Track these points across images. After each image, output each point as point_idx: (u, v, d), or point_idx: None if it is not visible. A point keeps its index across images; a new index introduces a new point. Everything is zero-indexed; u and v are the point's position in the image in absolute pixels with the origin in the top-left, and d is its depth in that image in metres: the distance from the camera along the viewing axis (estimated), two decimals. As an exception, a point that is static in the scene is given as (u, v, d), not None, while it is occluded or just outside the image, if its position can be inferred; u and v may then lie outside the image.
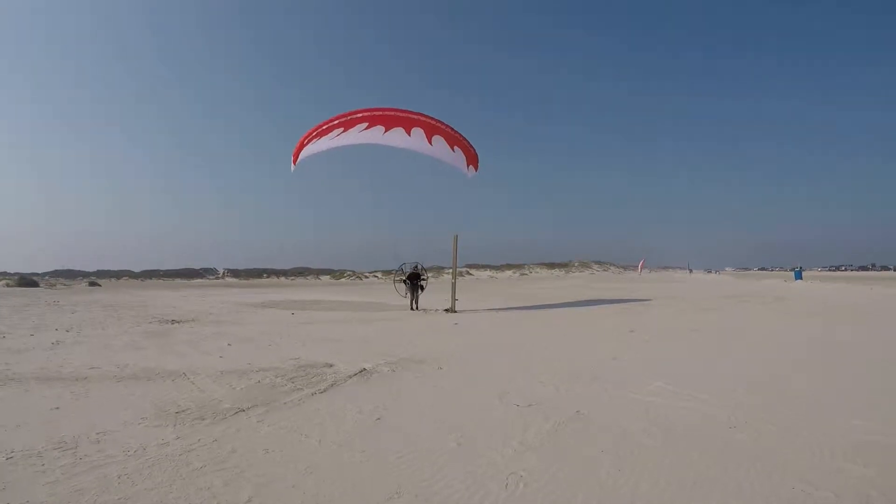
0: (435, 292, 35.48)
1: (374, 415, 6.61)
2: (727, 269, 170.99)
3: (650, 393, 7.48)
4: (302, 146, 21.56)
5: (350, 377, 8.75)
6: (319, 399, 7.38)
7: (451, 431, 5.87)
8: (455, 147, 22.45)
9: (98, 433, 5.86)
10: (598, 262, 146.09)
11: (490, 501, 4.18)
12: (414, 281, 23.57)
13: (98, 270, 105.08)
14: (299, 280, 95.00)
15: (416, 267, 24.13)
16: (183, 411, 6.75)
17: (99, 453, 5.22)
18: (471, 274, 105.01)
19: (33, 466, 4.91)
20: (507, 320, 18.48)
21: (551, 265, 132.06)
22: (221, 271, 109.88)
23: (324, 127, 21.02)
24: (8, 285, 54.14)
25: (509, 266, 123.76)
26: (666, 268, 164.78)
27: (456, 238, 22.86)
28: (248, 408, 6.89)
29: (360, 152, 22.16)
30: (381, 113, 21.06)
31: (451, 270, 24.78)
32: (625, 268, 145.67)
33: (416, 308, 22.99)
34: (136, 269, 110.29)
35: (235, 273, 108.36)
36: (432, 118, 21.91)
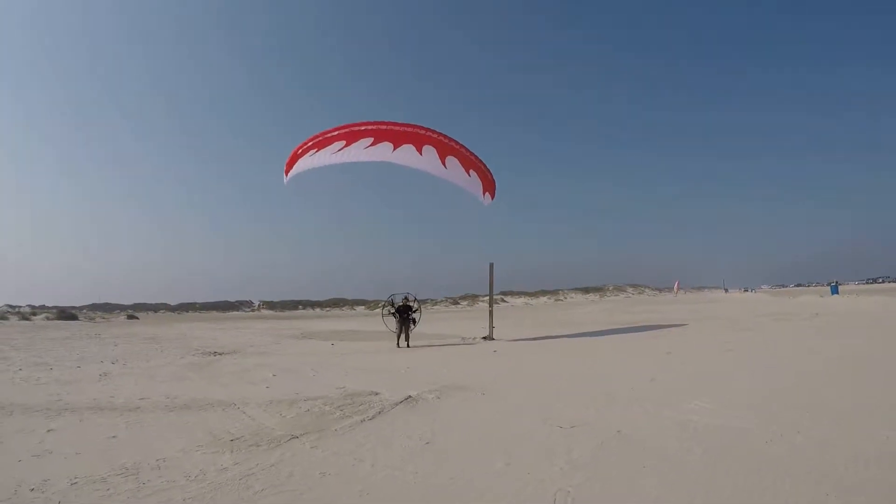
0: (472, 320, 35.51)
1: (422, 439, 6.67)
2: (763, 286, 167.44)
3: (688, 411, 7.47)
4: (296, 157, 19.37)
5: (396, 404, 8.82)
6: (369, 426, 7.46)
7: (498, 453, 5.93)
8: (471, 171, 20.34)
9: (157, 460, 6.00)
10: (633, 285, 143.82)
11: (540, 516, 4.22)
12: (404, 314, 20.64)
13: (135, 304, 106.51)
14: (335, 311, 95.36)
15: (407, 298, 21.28)
16: (237, 439, 6.88)
17: (161, 479, 5.35)
18: (506, 301, 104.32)
19: (98, 491, 5.05)
20: (545, 347, 18.37)
21: (586, 290, 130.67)
22: (257, 303, 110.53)
23: (320, 138, 18.81)
24: (48, 318, 55.19)
25: (544, 292, 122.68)
26: (701, 288, 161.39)
27: (492, 266, 22.86)
28: (301, 435, 7.00)
29: (393, 176, 20.64)
30: (387, 127, 18.80)
31: (486, 298, 24.67)
32: (660, 290, 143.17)
33: (408, 345, 19.97)
34: (173, 303, 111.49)
35: (271, 305, 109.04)
36: (445, 136, 19.61)
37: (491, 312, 23.59)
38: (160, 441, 6.87)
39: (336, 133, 18.62)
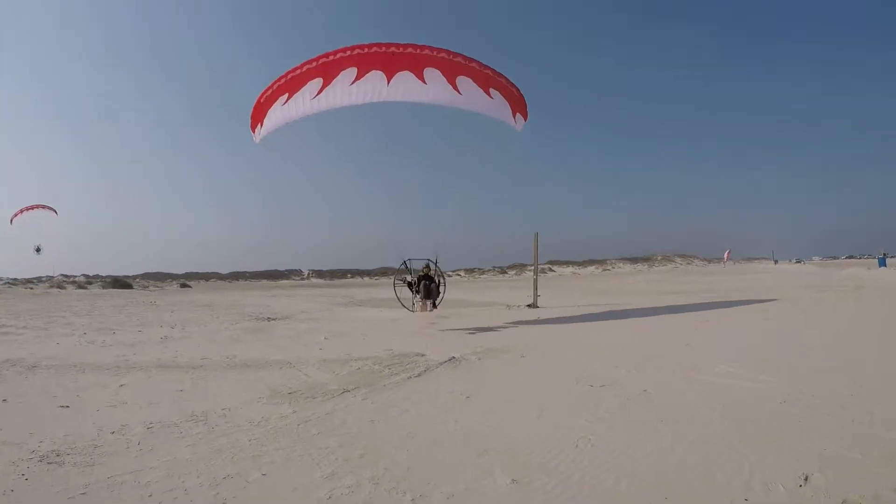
0: (519, 289, 35.84)
1: (463, 394, 7.14)
2: (814, 258, 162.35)
3: (715, 374, 7.76)
4: (262, 107, 14.60)
5: (441, 364, 9.28)
6: (415, 382, 7.96)
7: (531, 407, 6.40)
8: (491, 90, 15.06)
9: (223, 409, 6.58)
10: (682, 256, 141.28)
11: (563, 457, 4.76)
12: (427, 283, 17.01)
13: (186, 272, 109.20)
14: (383, 280, 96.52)
15: (428, 267, 17.44)
16: (295, 392, 7.44)
17: (227, 424, 5.92)
18: (553, 270, 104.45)
19: (172, 433, 5.63)
20: (587, 313, 18.65)
21: (634, 260, 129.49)
22: (306, 272, 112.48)
23: (289, 77, 13.93)
24: (103, 286, 57.35)
25: (591, 262, 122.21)
26: (751, 259, 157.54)
27: (536, 236, 22.94)
28: (353, 389, 7.53)
29: (437, 136, 14.61)
30: (371, 51, 13.74)
31: (532, 267, 24.77)
32: (709, 260, 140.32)
33: (433, 307, 17.02)
34: (224, 272, 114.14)
35: (320, 274, 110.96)
36: (449, 52, 14.35)
37: (535, 280, 23.85)
38: (224, 394, 7.46)
39: (307, 68, 13.80)
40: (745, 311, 17.12)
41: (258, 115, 14.76)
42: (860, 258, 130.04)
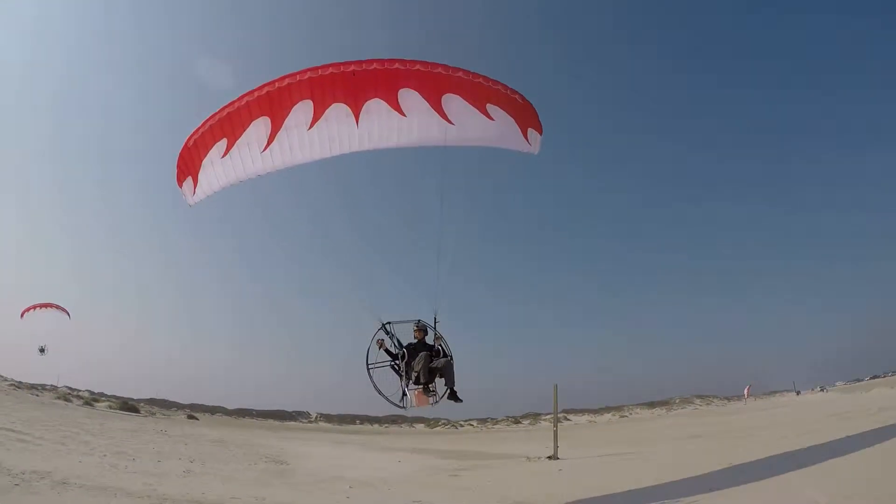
0: (535, 439, 35.38)
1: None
2: (837, 383, 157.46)
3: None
4: (192, 158, 10.85)
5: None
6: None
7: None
8: (488, 107, 11.03)
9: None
10: (700, 396, 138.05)
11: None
12: (427, 355, 10.53)
13: (192, 403, 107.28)
14: (393, 428, 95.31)
15: (423, 329, 10.91)
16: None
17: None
18: (569, 419, 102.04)
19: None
20: (608, 463, 18.59)
21: (651, 404, 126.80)
22: (314, 415, 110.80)
23: (228, 111, 10.19)
24: (111, 407, 56.50)
25: (608, 409, 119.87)
26: (772, 392, 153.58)
27: (556, 388, 22.95)
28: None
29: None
30: (327, 73, 10.01)
31: (547, 416, 24.61)
32: (728, 398, 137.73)
33: (452, 396, 10.51)
34: (229, 406, 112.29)
35: (328, 418, 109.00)
36: (426, 63, 10.52)
37: (555, 432, 23.58)
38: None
39: (247, 101, 10.13)
40: (768, 450, 17.02)
41: (188, 166, 11.11)
42: (885, 376, 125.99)
